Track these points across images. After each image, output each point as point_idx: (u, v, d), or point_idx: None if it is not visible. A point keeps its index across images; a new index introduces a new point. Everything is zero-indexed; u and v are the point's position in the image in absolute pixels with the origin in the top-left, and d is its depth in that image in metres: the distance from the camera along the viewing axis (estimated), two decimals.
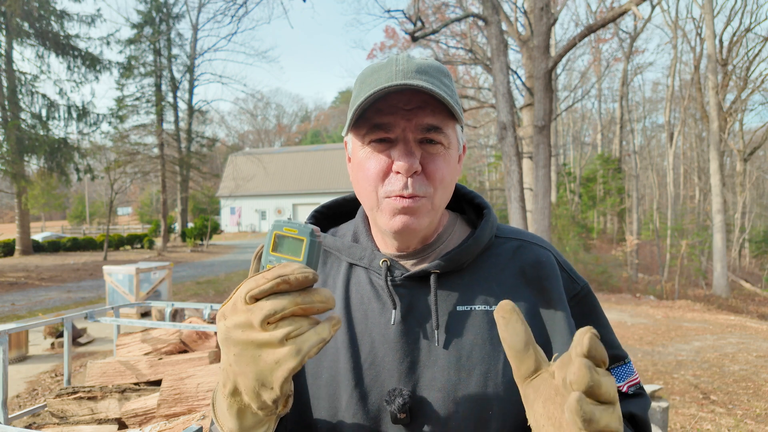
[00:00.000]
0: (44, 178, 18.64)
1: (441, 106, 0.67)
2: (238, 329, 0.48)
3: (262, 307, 0.46)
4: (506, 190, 7.88)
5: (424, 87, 0.62)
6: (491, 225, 0.77)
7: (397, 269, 0.73)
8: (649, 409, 0.75)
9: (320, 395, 0.70)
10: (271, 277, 0.47)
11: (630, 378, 0.74)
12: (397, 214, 0.67)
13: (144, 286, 7.97)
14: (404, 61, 0.67)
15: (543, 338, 0.69)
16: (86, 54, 20.16)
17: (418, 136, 0.67)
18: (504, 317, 0.49)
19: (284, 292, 0.47)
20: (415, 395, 0.66)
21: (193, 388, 2.05)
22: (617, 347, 0.76)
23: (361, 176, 0.70)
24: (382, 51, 22.85)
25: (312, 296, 0.48)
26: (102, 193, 47.56)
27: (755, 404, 4.58)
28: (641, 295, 13.59)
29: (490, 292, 0.71)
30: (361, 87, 0.68)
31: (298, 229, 0.51)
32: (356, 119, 0.67)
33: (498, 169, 32.68)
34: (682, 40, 21.64)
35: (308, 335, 0.47)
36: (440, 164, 0.68)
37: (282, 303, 0.46)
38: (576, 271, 0.79)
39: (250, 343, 0.47)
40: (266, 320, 0.46)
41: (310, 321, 0.48)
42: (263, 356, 0.47)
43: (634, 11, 6.50)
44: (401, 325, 0.69)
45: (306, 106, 75.78)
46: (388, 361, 0.68)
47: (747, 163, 20.89)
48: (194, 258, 20.00)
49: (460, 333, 0.68)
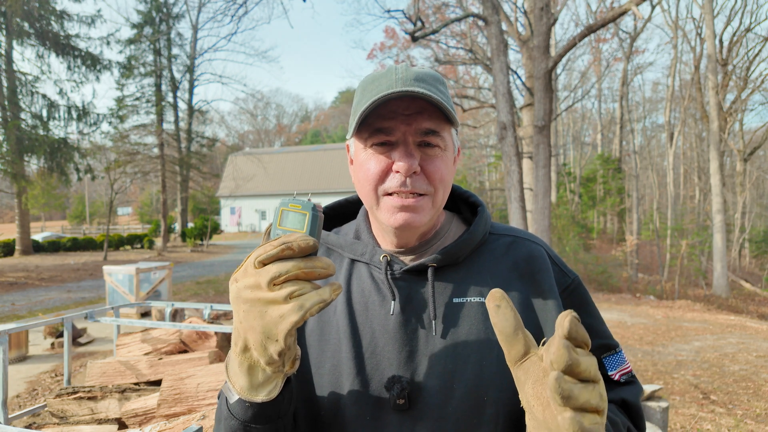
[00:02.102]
0: (44, 178, 18.64)
1: (437, 112, 0.71)
2: (247, 289, 0.54)
3: (269, 270, 0.53)
4: (506, 190, 7.88)
5: (423, 93, 0.66)
6: (485, 221, 0.81)
7: (397, 264, 0.76)
8: (642, 395, 0.78)
9: (323, 383, 0.74)
10: (277, 245, 0.53)
11: (621, 366, 0.78)
12: (398, 211, 0.71)
13: (144, 286, 7.97)
14: (403, 70, 0.71)
15: (535, 329, 0.73)
16: (86, 54, 20.16)
17: (417, 139, 0.71)
18: (495, 304, 0.52)
19: (289, 257, 0.53)
20: (414, 382, 0.70)
21: (193, 388, 2.05)
22: (608, 337, 0.79)
23: (362, 176, 0.74)
24: (382, 51, 22.85)
25: (314, 262, 0.54)
26: (102, 193, 47.59)
27: (755, 404, 4.58)
28: (641, 295, 13.60)
29: (485, 284, 0.75)
30: (363, 94, 0.72)
31: (301, 204, 0.58)
32: (359, 124, 0.71)
33: (498, 169, 32.67)
34: (682, 40, 21.66)
35: (310, 294, 0.53)
36: (439, 165, 0.72)
37: (286, 266, 0.52)
38: (567, 264, 0.83)
39: (257, 301, 0.53)
40: (272, 281, 0.52)
41: (312, 284, 0.54)
42: (269, 312, 0.53)
43: (634, 11, 6.49)
44: (400, 316, 0.73)
45: (306, 106, 75.79)
46: (388, 350, 0.71)
47: (747, 163, 20.89)
48: (194, 258, 20.01)
49: (456, 323, 0.72)
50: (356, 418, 0.70)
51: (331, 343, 0.75)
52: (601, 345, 0.77)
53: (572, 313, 0.46)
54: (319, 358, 0.75)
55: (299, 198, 0.59)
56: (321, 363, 0.75)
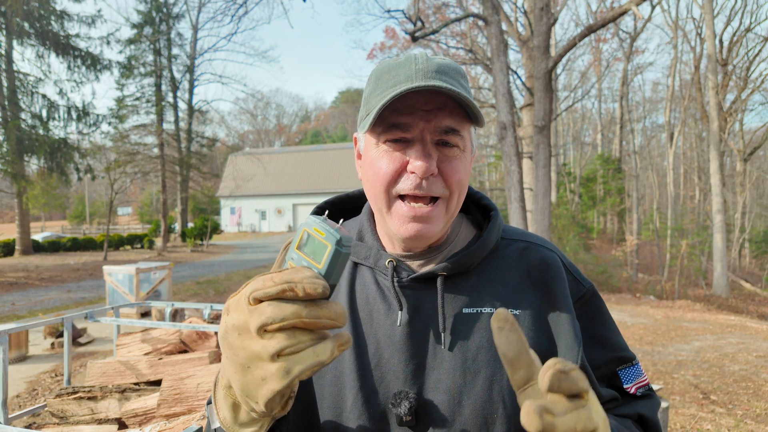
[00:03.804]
0: (44, 178, 18.63)
1: (459, 108, 0.66)
2: (234, 331, 0.46)
3: (262, 313, 0.44)
4: (506, 190, 7.88)
5: (447, 88, 0.60)
6: (498, 228, 0.76)
7: (404, 270, 0.72)
8: (659, 408, 0.75)
9: (324, 395, 0.70)
10: (279, 281, 0.44)
11: (638, 380, 0.74)
12: (410, 222, 0.66)
13: (144, 286, 7.97)
14: (424, 60, 0.65)
15: (548, 340, 0.69)
16: (86, 54, 20.16)
17: (436, 138, 0.66)
18: (499, 326, 0.47)
19: (290, 299, 0.44)
20: (421, 398, 0.66)
21: (193, 388, 2.05)
22: (624, 349, 0.75)
23: (373, 175, 0.68)
24: (382, 51, 22.86)
25: (320, 310, 0.44)
26: (102, 193, 47.58)
27: (755, 404, 4.57)
28: (641, 295, 13.59)
29: (497, 294, 0.70)
30: (378, 84, 0.67)
31: (326, 232, 0.47)
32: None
33: (498, 169, 32.66)
34: (682, 40, 21.66)
35: (303, 355, 0.44)
36: (457, 167, 0.67)
37: (284, 312, 0.43)
38: (581, 273, 0.78)
39: (241, 351, 0.46)
40: (263, 327, 0.44)
41: (312, 337, 0.45)
42: (251, 369, 0.45)
43: (634, 11, 6.50)
44: (407, 327, 0.68)
45: (306, 106, 75.74)
46: (393, 363, 0.67)
47: (747, 163, 20.88)
48: (194, 258, 20.00)
49: (466, 336, 0.68)
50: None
51: None
52: (616, 357, 0.74)
53: (558, 365, 0.41)
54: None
55: (329, 222, 0.48)
56: (322, 374, 0.70)
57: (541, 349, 0.67)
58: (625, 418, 0.71)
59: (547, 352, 0.68)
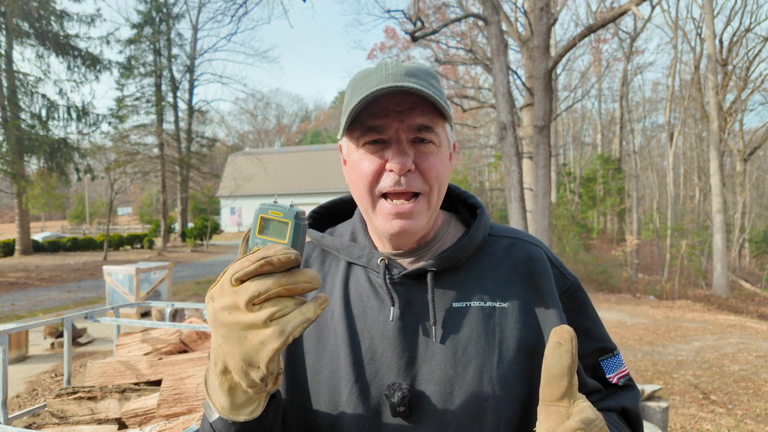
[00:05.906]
0: (44, 178, 18.63)
1: (431, 107, 0.69)
2: (224, 311, 0.50)
3: (247, 289, 0.48)
4: (506, 190, 7.88)
5: (415, 88, 0.64)
6: (485, 224, 0.79)
7: (395, 267, 0.75)
8: (640, 398, 0.79)
9: (321, 390, 0.72)
10: (255, 259, 0.48)
11: (619, 369, 0.78)
12: (393, 218, 0.70)
13: (144, 286, 7.97)
14: (393, 65, 0.69)
15: (536, 332, 0.72)
16: (86, 54, 20.16)
17: (411, 136, 0.70)
18: (558, 341, 0.50)
19: (269, 273, 0.48)
20: (414, 389, 0.68)
21: (193, 388, 2.05)
22: (606, 340, 0.79)
23: (356, 176, 0.72)
24: (382, 51, 22.83)
25: (296, 277, 0.49)
26: (102, 193, 47.59)
27: (755, 404, 4.57)
28: (641, 295, 13.59)
29: (485, 289, 0.74)
30: (353, 92, 0.70)
31: (283, 212, 0.52)
32: (350, 123, 0.69)
33: (498, 169, 32.67)
34: (682, 40, 21.65)
35: (292, 316, 0.48)
36: (434, 162, 0.71)
37: (266, 284, 0.48)
38: (566, 267, 0.82)
39: (235, 325, 0.49)
40: (251, 301, 0.48)
41: (295, 301, 0.50)
42: (249, 337, 0.49)
43: (634, 11, 6.49)
44: (399, 322, 0.71)
45: (306, 106, 75.63)
46: (387, 357, 0.70)
47: (747, 163, 20.89)
48: (194, 258, 20.00)
49: (457, 329, 0.71)
50: (355, 426, 0.68)
51: (329, 349, 0.73)
52: (599, 348, 0.77)
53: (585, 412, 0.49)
54: (316, 364, 0.73)
55: (281, 204, 0.53)
56: (318, 370, 0.73)
57: (530, 340, 0.71)
58: (610, 412, 0.74)
59: (534, 342, 0.71)
